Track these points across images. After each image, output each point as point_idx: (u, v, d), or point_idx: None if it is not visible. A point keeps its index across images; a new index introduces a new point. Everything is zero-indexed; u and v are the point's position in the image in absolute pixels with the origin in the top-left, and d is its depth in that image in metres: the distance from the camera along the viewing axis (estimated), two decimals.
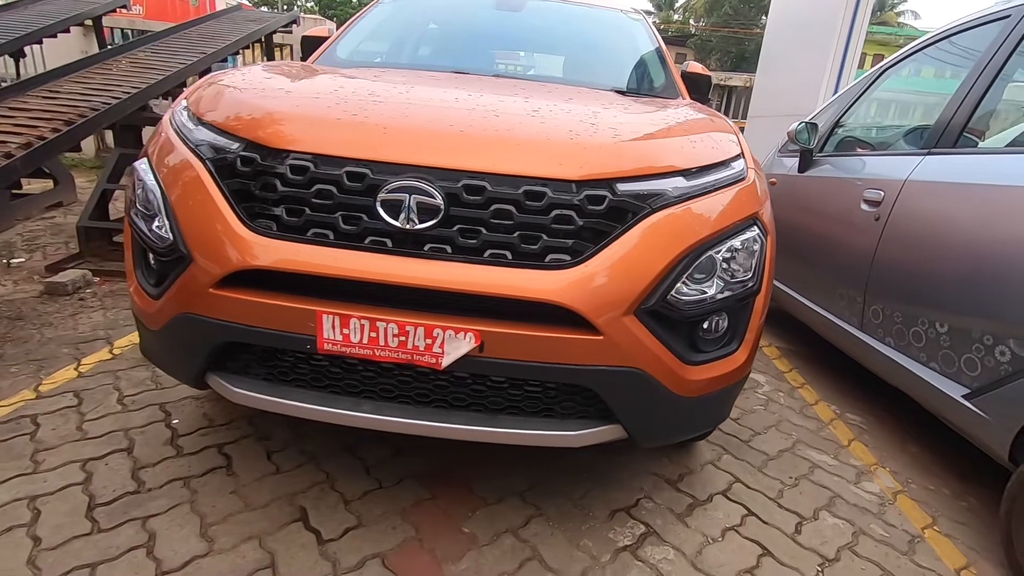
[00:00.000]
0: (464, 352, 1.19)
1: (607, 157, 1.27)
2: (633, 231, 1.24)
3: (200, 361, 1.37)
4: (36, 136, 2.52)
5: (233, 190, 1.27)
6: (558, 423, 1.34)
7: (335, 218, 1.21)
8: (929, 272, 1.99)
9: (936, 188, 2.03)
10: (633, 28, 2.69)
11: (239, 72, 1.74)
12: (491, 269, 1.19)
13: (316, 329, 1.22)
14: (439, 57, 2.37)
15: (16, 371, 2.19)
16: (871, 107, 2.70)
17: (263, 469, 1.76)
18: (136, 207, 1.47)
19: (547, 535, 1.60)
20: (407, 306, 1.22)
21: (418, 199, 1.18)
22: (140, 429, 1.89)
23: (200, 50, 4.01)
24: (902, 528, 1.80)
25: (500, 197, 1.20)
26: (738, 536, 1.68)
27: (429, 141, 1.23)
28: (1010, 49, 1.93)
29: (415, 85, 1.69)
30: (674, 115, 1.64)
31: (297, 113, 1.32)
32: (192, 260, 1.27)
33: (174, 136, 1.44)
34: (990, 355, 1.75)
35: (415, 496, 1.70)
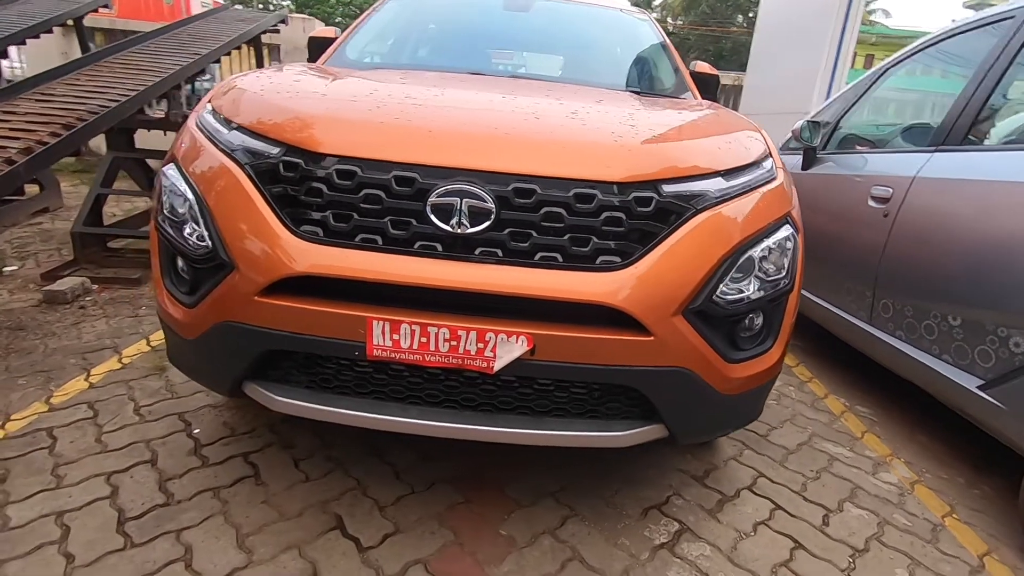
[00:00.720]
0: (516, 356, 1.19)
1: (653, 159, 1.28)
2: (679, 232, 1.25)
3: (240, 370, 1.35)
4: (36, 141, 2.45)
5: (276, 196, 1.25)
6: (603, 424, 1.35)
7: (384, 223, 1.20)
8: (941, 267, 2.04)
9: (946, 184, 2.08)
10: (640, 28, 2.71)
11: (263, 75, 1.71)
12: (543, 272, 1.19)
13: (366, 335, 1.20)
14: (454, 59, 2.35)
15: (24, 383, 2.13)
16: (874, 105, 2.76)
17: (292, 477, 1.74)
18: (165, 213, 1.44)
19: (585, 535, 1.61)
20: (457, 310, 1.22)
21: (469, 203, 1.18)
22: (161, 440, 1.86)
23: (192, 51, 3.93)
24: (923, 517, 1.84)
25: (550, 200, 1.20)
26: (769, 530, 1.70)
27: (478, 144, 1.23)
28: (1016, 48, 1.99)
29: (445, 88, 1.68)
30: (703, 116, 1.66)
31: (339, 117, 1.31)
32: (235, 268, 1.24)
33: (204, 140, 1.42)
34: (1004, 347, 1.80)
35: (449, 500, 1.70)
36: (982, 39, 2.19)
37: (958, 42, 2.35)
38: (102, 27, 6.29)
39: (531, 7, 2.68)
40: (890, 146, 2.74)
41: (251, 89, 1.55)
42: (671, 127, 1.47)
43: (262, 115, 1.37)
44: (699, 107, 1.86)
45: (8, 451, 1.74)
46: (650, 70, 2.44)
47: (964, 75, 2.23)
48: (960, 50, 2.35)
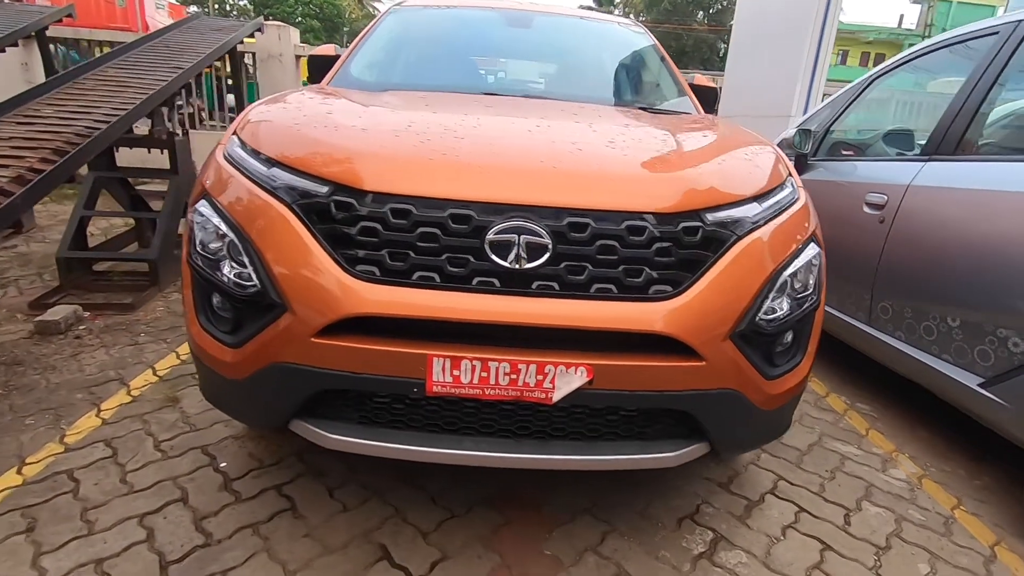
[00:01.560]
0: (576, 387, 1.22)
1: (696, 189, 1.32)
2: (724, 259, 1.29)
3: (290, 409, 1.34)
4: (26, 168, 2.35)
5: (327, 235, 1.25)
6: (652, 445, 1.39)
7: (442, 260, 1.21)
8: (939, 271, 2.15)
9: (940, 192, 2.19)
10: (638, 41, 2.76)
11: (289, 104, 1.69)
12: (599, 304, 1.22)
13: (426, 372, 1.21)
14: (466, 78, 2.36)
15: (32, 423, 2.05)
16: (862, 113, 2.87)
17: (329, 508, 1.73)
18: (198, 250, 1.42)
19: (626, 549, 1.65)
20: (514, 343, 1.24)
21: (527, 239, 1.19)
22: (188, 476, 1.82)
23: (173, 64, 3.81)
24: (935, 511, 1.94)
25: (604, 233, 1.23)
26: (797, 533, 1.78)
27: (532, 180, 1.25)
28: (1002, 63, 2.10)
29: (476, 114, 1.69)
30: (725, 138, 1.71)
31: (388, 154, 1.31)
32: (288, 309, 1.23)
33: (240, 176, 1.40)
34: (1003, 347, 1.91)
35: (489, 522, 1.72)
36: (968, 52, 2.31)
37: (944, 54, 2.47)
38: (63, 36, 6.04)
39: (532, 23, 2.70)
40: (874, 150, 2.86)
41: (283, 121, 1.53)
42: (704, 153, 1.51)
43: (303, 151, 1.35)
44: (714, 126, 1.91)
45: (30, 497, 1.68)
46: (654, 85, 2.49)
47: (951, 85, 2.35)
48: (947, 62, 2.47)
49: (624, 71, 2.56)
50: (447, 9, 2.78)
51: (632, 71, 2.58)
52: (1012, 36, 2.10)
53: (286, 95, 1.88)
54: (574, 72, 2.53)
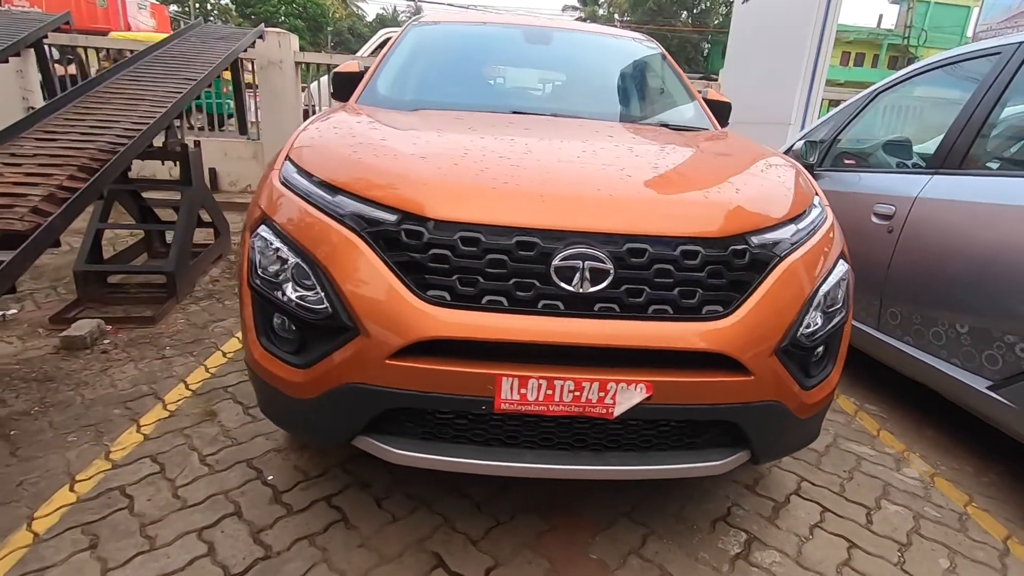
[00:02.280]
0: (636, 402, 1.30)
1: (742, 213, 1.41)
2: (769, 279, 1.38)
3: (357, 426, 1.40)
4: (56, 186, 2.36)
5: (398, 262, 1.31)
6: (699, 454, 1.47)
7: (509, 286, 1.28)
8: (947, 279, 2.26)
9: (947, 205, 2.30)
10: (653, 57, 2.84)
11: (339, 128, 1.75)
12: (656, 324, 1.30)
13: (494, 391, 1.28)
14: (491, 96, 2.43)
15: (75, 439, 2.08)
16: (866, 125, 2.99)
17: (380, 518, 1.79)
18: (260, 274, 1.48)
19: (667, 552, 1.73)
20: (577, 362, 1.31)
21: (590, 264, 1.27)
22: (238, 490, 1.87)
23: (184, 76, 3.82)
24: (949, 508, 2.05)
25: (661, 257, 1.31)
26: (824, 532, 1.87)
27: (592, 208, 1.32)
28: (1005, 82, 2.22)
29: (522, 138, 1.76)
30: (756, 158, 1.79)
31: (452, 184, 1.37)
32: (361, 332, 1.30)
33: (303, 203, 1.45)
34: (1011, 352, 2.03)
35: (534, 529, 1.79)
36: (971, 70, 2.43)
37: (947, 71, 2.59)
38: (59, 43, 5.99)
39: (551, 40, 2.77)
40: (876, 160, 2.98)
41: (339, 148, 1.59)
42: (743, 178, 1.59)
43: (367, 180, 1.41)
44: (739, 145, 2.00)
45: (88, 515, 1.72)
46: (672, 100, 2.57)
47: (954, 100, 2.47)
48: (950, 78, 2.59)
49: (643, 87, 2.65)
50: (467, 25, 2.85)
51: (650, 87, 2.67)
52: (1014, 57, 2.22)
53: (329, 116, 1.93)
54: (596, 89, 2.61)
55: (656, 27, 36.99)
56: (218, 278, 3.91)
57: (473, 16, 2.85)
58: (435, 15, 2.96)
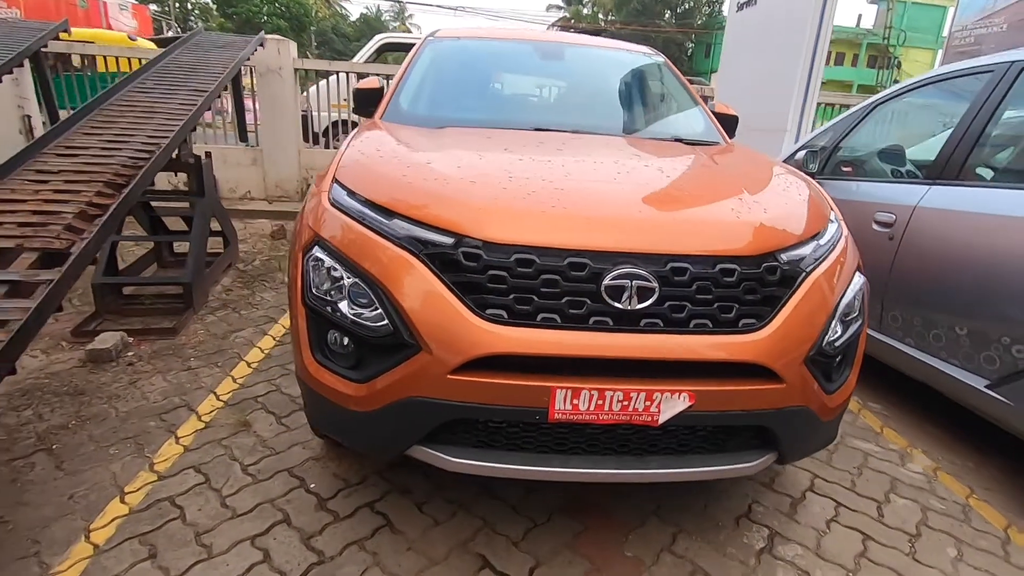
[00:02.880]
0: (680, 410, 1.40)
1: (773, 231, 1.51)
2: (798, 293, 1.49)
3: (415, 437, 1.49)
4: (85, 202, 2.40)
5: (457, 282, 1.39)
6: (732, 456, 1.58)
7: (562, 304, 1.37)
8: (946, 285, 2.39)
9: (945, 215, 2.44)
10: (663, 72, 2.95)
11: (379, 149, 1.83)
12: (698, 338, 1.40)
13: (549, 402, 1.37)
14: (514, 112, 2.51)
15: (117, 452, 2.13)
16: (865, 135, 3.12)
17: (422, 522, 1.87)
18: (314, 293, 1.55)
19: (697, 548, 1.84)
20: (624, 373, 1.40)
21: (638, 283, 1.37)
22: (284, 498, 1.94)
23: (192, 87, 3.85)
24: (952, 500, 2.19)
25: (701, 275, 1.41)
26: (840, 526, 1.99)
27: (637, 230, 1.42)
28: (998, 99, 2.36)
29: (559, 158, 1.85)
30: (777, 176, 1.90)
31: (505, 208, 1.46)
32: (423, 349, 1.38)
33: (357, 225, 1.53)
34: (1008, 353, 2.16)
35: (570, 529, 1.88)
36: (966, 86, 2.57)
37: (943, 86, 2.73)
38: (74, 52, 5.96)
39: (564, 55, 2.86)
40: (872, 168, 3.11)
41: (387, 171, 1.67)
42: (769, 196, 1.70)
43: (421, 204, 1.49)
44: (755, 161, 2.11)
45: (143, 525, 1.78)
46: (684, 114, 2.68)
47: (950, 113, 2.60)
48: (945, 93, 2.73)
49: (655, 101, 2.75)
50: (482, 41, 2.92)
51: (662, 101, 2.77)
52: (1006, 75, 2.36)
53: (366, 137, 2.01)
54: (612, 104, 2.71)
55: (640, 27, 37.27)
56: (230, 287, 3.95)
57: (486, 31, 2.92)
58: (449, 30, 3.03)
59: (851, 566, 1.81)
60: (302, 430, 2.33)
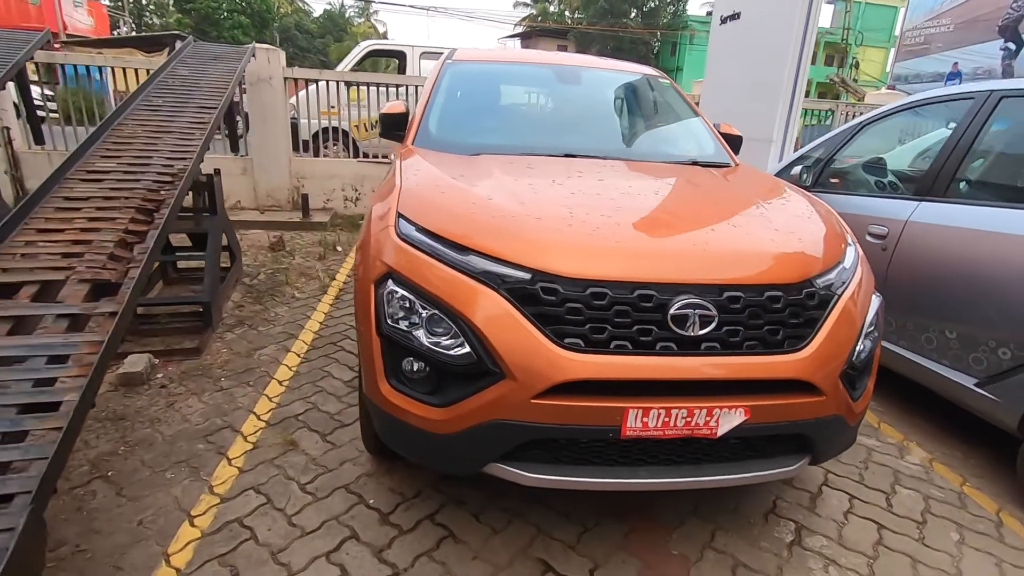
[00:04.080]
0: (736, 424, 1.56)
1: (809, 260, 1.69)
2: (832, 315, 1.67)
3: (495, 456, 1.61)
4: (122, 229, 2.42)
5: (536, 314, 1.52)
6: (775, 461, 1.75)
7: (633, 332, 1.52)
8: (937, 292, 2.63)
9: (934, 229, 2.68)
10: (672, 93, 3.12)
11: (438, 184, 1.94)
12: (751, 359, 1.57)
13: (622, 421, 1.52)
14: (540, 137, 2.64)
15: (173, 476, 2.19)
16: (854, 151, 3.36)
17: (482, 532, 2.00)
18: (389, 323, 1.66)
19: (734, 543, 2.01)
20: (686, 392, 1.56)
21: (700, 312, 1.52)
22: (347, 515, 2.03)
23: (199, 103, 3.85)
24: (949, 488, 2.43)
25: (753, 302, 1.57)
26: (856, 517, 2.20)
27: (696, 262, 1.58)
28: (979, 125, 2.61)
29: (607, 191, 2.00)
30: (799, 204, 2.09)
31: (574, 244, 1.59)
32: (508, 376, 1.50)
33: (430, 259, 1.64)
34: (994, 355, 2.41)
35: (618, 531, 2.04)
36: (948, 110, 2.82)
37: (926, 110, 2.98)
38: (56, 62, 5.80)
39: (580, 78, 3.01)
40: (856, 180, 3.35)
41: (452, 205, 1.79)
42: (801, 223, 1.88)
43: (495, 241, 1.61)
44: (776, 187, 2.30)
45: (218, 547, 1.86)
46: (696, 137, 2.86)
47: (934, 132, 2.85)
48: (930, 115, 2.98)
49: (669, 124, 2.93)
50: (501, 64, 3.04)
51: (674, 123, 2.94)
52: (986, 103, 2.61)
53: (415, 166, 2.12)
54: (631, 127, 2.87)
55: (607, 27, 37.75)
56: (241, 303, 3.97)
57: (501, 54, 3.05)
58: (465, 52, 3.14)
59: (871, 553, 2.02)
60: (348, 447, 2.42)
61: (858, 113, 7.53)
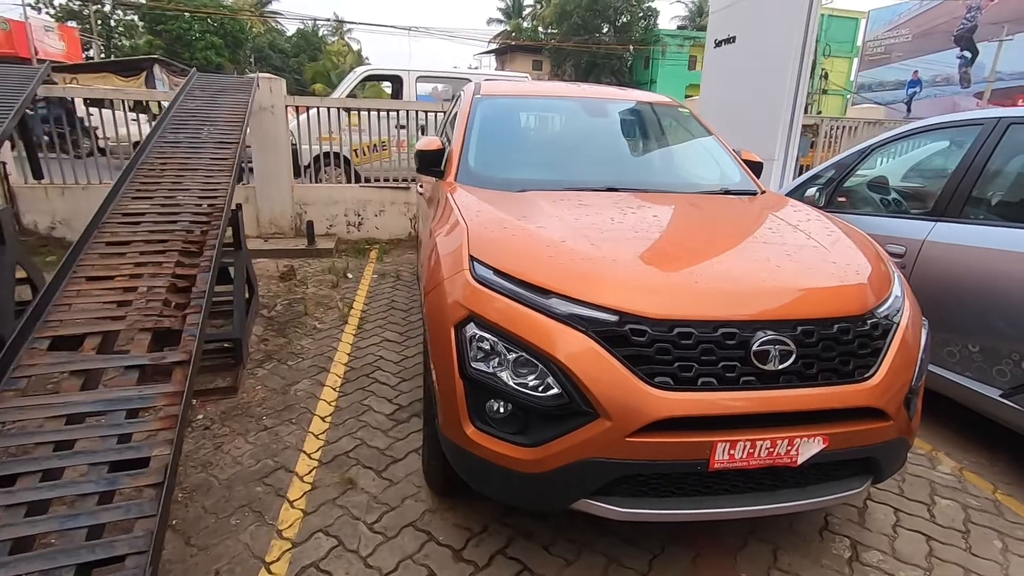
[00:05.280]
0: (816, 451, 1.64)
1: (869, 291, 1.79)
2: (894, 342, 1.77)
3: (583, 494, 1.66)
4: (170, 274, 2.42)
5: (625, 354, 1.59)
6: (843, 483, 1.83)
7: (718, 369, 1.59)
8: (957, 308, 2.77)
9: (952, 248, 2.83)
10: (690, 121, 3.24)
11: (505, 225, 2.00)
12: (827, 389, 1.66)
13: (710, 454, 1.59)
14: (581, 171, 2.72)
15: (238, 522, 2.18)
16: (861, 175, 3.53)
17: (554, 563, 2.04)
18: (473, 367, 1.71)
19: (797, 562, 2.09)
20: (765, 424, 1.64)
21: (779, 347, 1.60)
22: (421, 553, 2.05)
23: (218, 139, 3.86)
24: (984, 497, 2.54)
25: (825, 335, 1.66)
26: (904, 529, 2.30)
27: (771, 300, 1.67)
28: (989, 151, 2.77)
29: (667, 229, 2.09)
30: (844, 235, 2.19)
31: (654, 286, 1.67)
32: (602, 416, 1.56)
33: (516, 304, 1.69)
34: (1018, 367, 2.55)
35: (685, 556, 2.10)
36: (956, 135, 2.98)
37: (934, 135, 3.15)
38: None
39: (607, 111, 3.11)
40: (864, 200, 3.51)
41: (526, 248, 1.85)
42: (855, 256, 1.98)
43: (577, 284, 1.67)
44: (813, 215, 2.41)
45: None
46: (720, 164, 2.97)
47: (942, 156, 3.01)
48: (938, 139, 3.15)
49: (693, 152, 3.04)
50: (530, 98, 3.12)
51: (699, 152, 3.06)
52: (995, 129, 2.78)
53: (472, 205, 2.18)
54: (663, 159, 2.97)
55: (581, 43, 38.40)
56: (265, 336, 3.96)
57: (524, 88, 3.13)
58: (491, 86, 3.22)
59: (925, 565, 2.11)
60: (405, 483, 2.44)
61: (841, 127, 7.82)
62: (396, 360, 3.65)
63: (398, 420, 2.94)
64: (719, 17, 5.71)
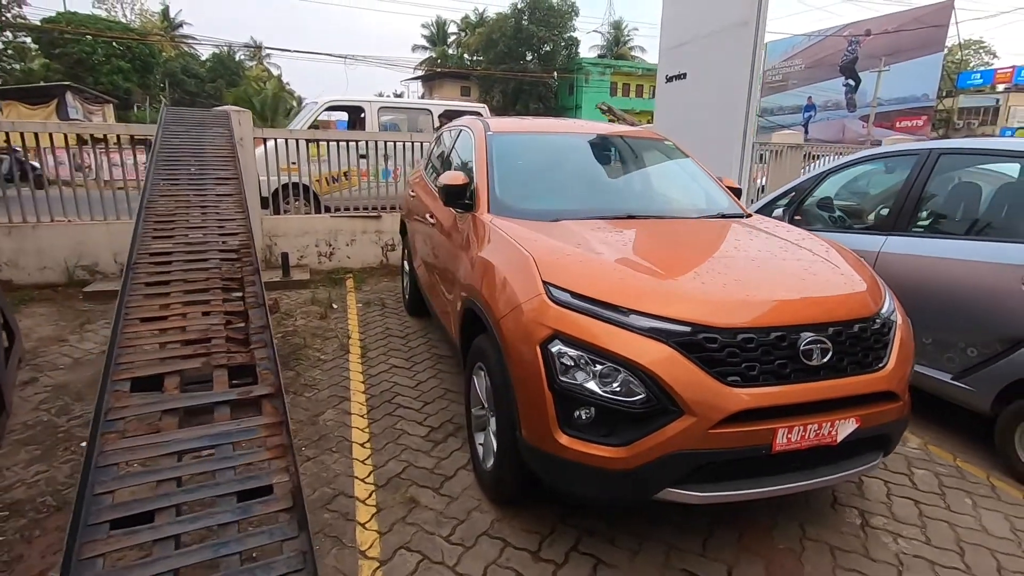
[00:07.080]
0: (850, 431, 1.99)
1: (874, 296, 2.19)
2: (896, 337, 2.17)
3: (670, 483, 1.92)
4: (221, 311, 2.46)
5: (700, 358, 1.87)
6: (862, 458, 2.20)
7: (775, 367, 1.91)
8: (912, 309, 3.28)
9: (902, 257, 3.36)
10: (677, 153, 3.64)
11: (567, 253, 2.24)
12: (856, 378, 2.02)
13: (772, 439, 1.89)
14: (601, 201, 3.02)
15: (319, 548, 2.23)
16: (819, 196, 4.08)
17: (623, 554, 2.27)
18: (562, 379, 1.94)
19: (823, 532, 2.43)
20: (811, 410, 1.97)
21: (820, 346, 1.95)
22: (503, 559, 2.21)
23: (215, 176, 3.86)
24: (948, 465, 3.03)
25: (851, 334, 2.03)
26: (896, 497, 2.71)
27: (811, 307, 2.02)
28: (925, 176, 3.35)
29: (704, 249, 2.43)
30: (834, 249, 2.61)
31: (719, 300, 1.97)
32: (687, 413, 1.83)
33: (599, 322, 1.94)
34: (963, 354, 3.08)
35: (731, 536, 2.39)
36: (897, 163, 3.56)
37: (878, 163, 3.73)
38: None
39: (611, 145, 3.44)
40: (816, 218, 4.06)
41: (593, 272, 2.11)
42: (851, 265, 2.39)
43: (651, 302, 1.95)
44: (809, 235, 2.83)
45: None
46: (711, 193, 3.37)
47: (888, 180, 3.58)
48: (882, 167, 3.73)
49: (690, 181, 3.43)
50: (537, 135, 3.42)
51: (693, 181, 3.45)
52: (927, 159, 3.36)
53: (524, 236, 2.41)
54: (665, 188, 3.34)
55: (507, 70, 39.61)
56: None
57: (530, 124, 3.42)
58: (499, 124, 3.48)
59: (920, 523, 2.52)
60: (464, 497, 2.59)
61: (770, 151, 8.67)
62: (412, 385, 3.76)
63: (435, 441, 3.07)
64: (670, 55, 6.29)
